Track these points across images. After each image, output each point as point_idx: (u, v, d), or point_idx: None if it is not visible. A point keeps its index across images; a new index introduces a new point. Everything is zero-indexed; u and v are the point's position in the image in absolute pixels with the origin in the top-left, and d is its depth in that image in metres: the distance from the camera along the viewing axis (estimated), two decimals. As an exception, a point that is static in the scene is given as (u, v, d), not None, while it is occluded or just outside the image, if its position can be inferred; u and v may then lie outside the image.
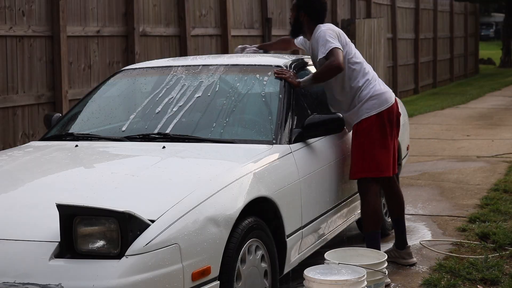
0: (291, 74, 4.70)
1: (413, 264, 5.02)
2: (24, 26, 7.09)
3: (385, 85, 4.95)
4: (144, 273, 3.04)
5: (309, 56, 5.23)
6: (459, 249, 5.38)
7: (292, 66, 4.89)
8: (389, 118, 4.80)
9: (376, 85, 4.82)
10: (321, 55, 4.67)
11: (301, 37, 5.09)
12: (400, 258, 5.06)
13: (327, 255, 4.19)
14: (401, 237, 5.10)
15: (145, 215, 3.17)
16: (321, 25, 4.81)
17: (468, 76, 24.94)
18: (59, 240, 3.13)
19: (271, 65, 4.84)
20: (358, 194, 5.17)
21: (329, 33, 4.69)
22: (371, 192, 4.80)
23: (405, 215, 6.50)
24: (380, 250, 4.66)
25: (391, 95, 4.87)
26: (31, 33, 7.16)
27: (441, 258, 5.11)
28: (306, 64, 5.16)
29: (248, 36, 11.28)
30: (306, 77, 4.76)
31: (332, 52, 4.61)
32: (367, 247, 4.73)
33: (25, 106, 7.12)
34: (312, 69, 5.11)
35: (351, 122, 4.84)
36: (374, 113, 4.75)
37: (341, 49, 4.65)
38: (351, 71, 4.79)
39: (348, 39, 4.87)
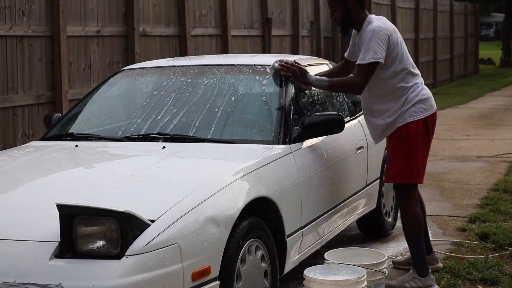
0: (296, 67, 4.56)
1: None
2: (24, 26, 7.09)
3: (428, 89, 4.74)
4: (144, 273, 3.04)
5: (305, 56, 5.20)
6: (459, 249, 5.38)
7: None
8: (433, 124, 4.62)
9: (424, 89, 4.64)
10: (358, 61, 4.45)
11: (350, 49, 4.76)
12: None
13: (327, 255, 4.19)
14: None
15: (145, 215, 3.17)
16: (373, 17, 4.57)
17: (468, 76, 24.94)
18: (59, 240, 3.13)
19: (271, 65, 4.84)
20: (358, 194, 5.18)
21: (379, 36, 4.41)
22: (413, 197, 4.62)
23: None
24: (425, 256, 4.55)
25: (434, 102, 4.69)
26: (31, 33, 7.16)
27: (441, 258, 5.11)
28: (305, 64, 5.15)
29: (248, 36, 11.28)
30: (317, 77, 4.60)
31: (364, 68, 4.41)
32: (412, 255, 4.58)
33: (25, 106, 7.13)
34: (313, 70, 5.08)
35: (393, 124, 4.56)
36: (421, 117, 4.54)
37: (379, 62, 4.40)
38: (401, 71, 4.55)
39: (400, 38, 4.61)
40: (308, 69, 5.18)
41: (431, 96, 4.68)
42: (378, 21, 4.54)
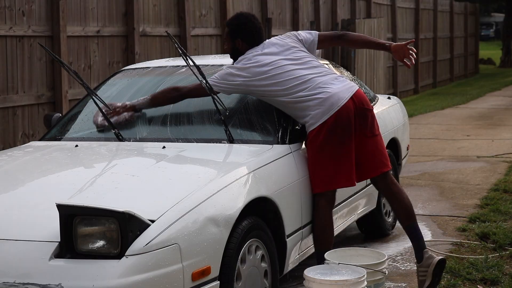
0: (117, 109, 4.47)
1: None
2: (24, 26, 7.09)
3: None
4: (144, 273, 3.04)
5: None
6: (459, 249, 5.38)
7: None
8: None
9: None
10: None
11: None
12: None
13: (327, 255, 4.18)
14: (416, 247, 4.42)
15: (145, 215, 3.17)
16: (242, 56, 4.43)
17: (468, 76, 24.95)
18: (59, 240, 3.13)
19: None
20: (358, 194, 5.19)
21: (226, 72, 4.36)
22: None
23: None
24: None
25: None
26: (31, 33, 7.16)
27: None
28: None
29: (248, 36, 11.27)
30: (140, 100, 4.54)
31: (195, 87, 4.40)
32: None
33: (25, 106, 7.13)
34: None
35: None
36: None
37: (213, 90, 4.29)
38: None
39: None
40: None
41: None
42: (238, 61, 4.43)
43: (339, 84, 4.35)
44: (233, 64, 4.45)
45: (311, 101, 4.27)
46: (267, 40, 4.59)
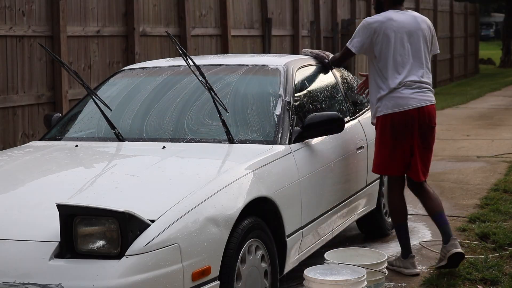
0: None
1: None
2: (24, 26, 7.09)
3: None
4: (144, 273, 3.04)
5: (305, 56, 5.28)
6: (459, 249, 5.38)
7: (291, 66, 4.88)
8: (399, 122, 4.77)
9: (397, 92, 4.81)
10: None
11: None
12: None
13: (327, 255, 4.19)
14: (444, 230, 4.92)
15: (145, 215, 3.17)
16: (384, 12, 4.89)
17: (468, 76, 24.94)
18: (59, 240, 3.13)
19: (270, 65, 4.85)
20: (358, 194, 5.19)
21: (360, 27, 4.86)
22: (391, 188, 5.01)
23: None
24: (407, 241, 4.90)
25: (406, 102, 4.77)
26: (31, 33, 7.17)
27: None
28: (304, 64, 5.16)
29: (248, 36, 11.28)
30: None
31: (343, 49, 5.04)
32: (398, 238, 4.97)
33: (25, 106, 7.13)
34: (313, 70, 5.15)
35: (374, 114, 4.98)
36: (384, 113, 4.80)
37: (353, 50, 4.88)
38: (379, 69, 4.87)
39: (393, 37, 4.80)
40: (308, 69, 5.20)
41: (404, 97, 4.77)
42: (375, 15, 4.94)
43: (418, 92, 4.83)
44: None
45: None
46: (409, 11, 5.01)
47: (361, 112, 5.57)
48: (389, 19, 4.81)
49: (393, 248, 5.51)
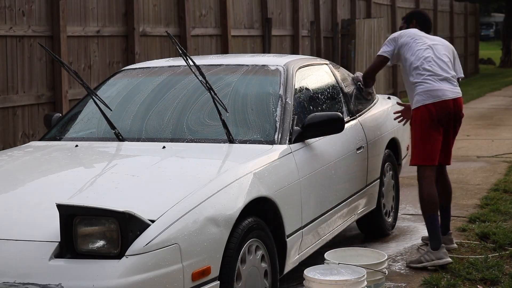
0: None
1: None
2: (24, 26, 7.09)
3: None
4: (144, 273, 3.04)
5: (305, 56, 5.29)
6: (459, 249, 5.38)
7: (291, 66, 4.88)
8: (438, 112, 5.08)
9: (427, 83, 5.15)
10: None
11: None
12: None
13: (327, 255, 4.19)
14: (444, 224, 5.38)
15: (145, 215, 3.17)
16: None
17: (468, 76, 24.92)
18: (59, 240, 3.13)
19: (270, 65, 4.85)
20: (358, 194, 5.19)
21: (388, 39, 5.43)
22: (423, 178, 5.21)
23: (406, 215, 6.51)
24: (437, 231, 5.04)
25: (440, 93, 5.12)
26: (31, 33, 7.16)
27: (441, 258, 5.11)
28: (304, 64, 5.16)
29: (248, 36, 11.27)
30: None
31: (375, 58, 5.57)
32: (427, 230, 5.13)
33: (25, 106, 7.12)
34: (313, 70, 5.15)
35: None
36: (421, 104, 5.11)
37: (383, 55, 5.38)
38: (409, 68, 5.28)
39: (411, 41, 5.29)
40: (308, 69, 5.21)
41: (437, 89, 5.12)
42: (399, 31, 5.49)
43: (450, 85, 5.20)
44: None
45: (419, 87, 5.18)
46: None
47: (361, 112, 5.57)
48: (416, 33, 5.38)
49: (393, 248, 5.52)
